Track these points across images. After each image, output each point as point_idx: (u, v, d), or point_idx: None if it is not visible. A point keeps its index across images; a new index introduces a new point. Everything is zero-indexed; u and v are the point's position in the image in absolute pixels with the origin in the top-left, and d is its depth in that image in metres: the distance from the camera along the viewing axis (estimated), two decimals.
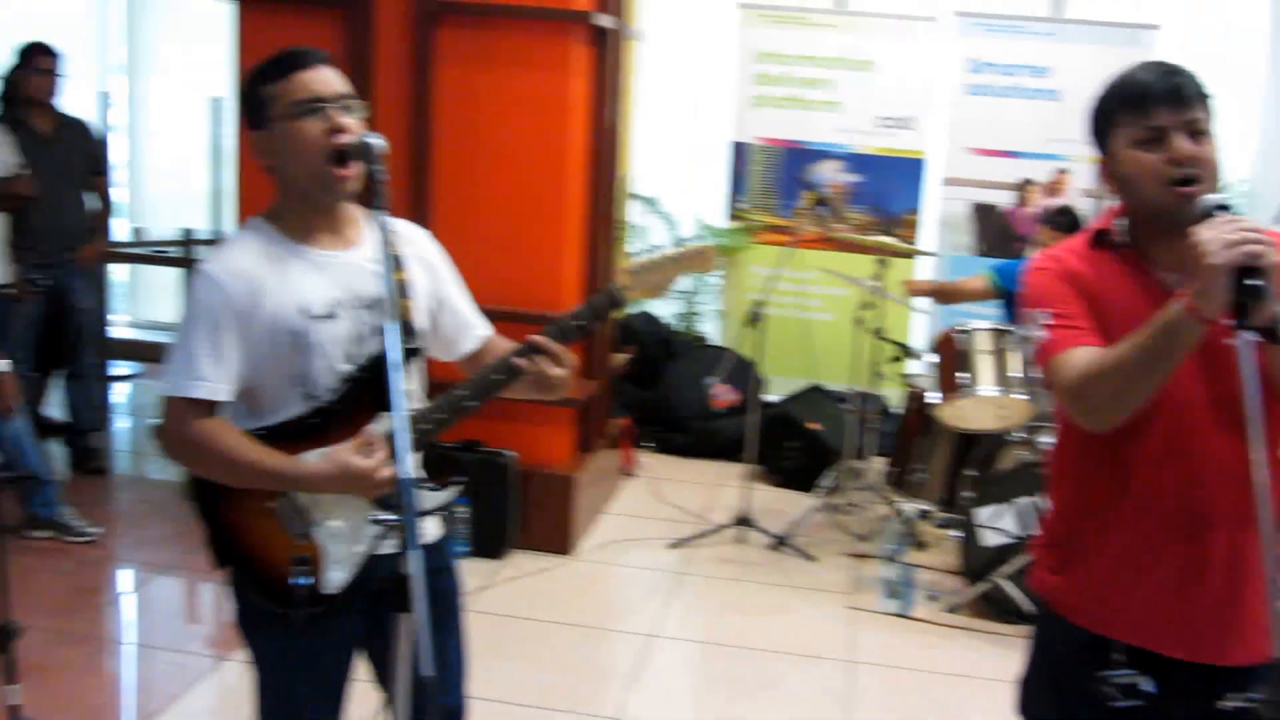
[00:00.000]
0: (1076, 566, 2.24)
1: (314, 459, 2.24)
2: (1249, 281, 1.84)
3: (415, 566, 1.85)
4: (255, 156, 2.28)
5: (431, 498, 2.28)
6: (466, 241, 5.05)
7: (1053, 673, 2.30)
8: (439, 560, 2.45)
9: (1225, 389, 2.05)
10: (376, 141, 2.17)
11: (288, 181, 2.28)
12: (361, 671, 2.47)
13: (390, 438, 2.27)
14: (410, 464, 1.92)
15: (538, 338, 2.29)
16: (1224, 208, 1.93)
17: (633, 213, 7.66)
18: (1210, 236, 1.87)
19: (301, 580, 2.27)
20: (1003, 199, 7.34)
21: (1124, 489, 2.15)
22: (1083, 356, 2.07)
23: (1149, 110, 2.08)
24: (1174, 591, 2.14)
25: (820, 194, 5.73)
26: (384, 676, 2.45)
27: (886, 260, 5.55)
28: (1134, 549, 2.16)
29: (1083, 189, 7.20)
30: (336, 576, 2.31)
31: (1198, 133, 2.07)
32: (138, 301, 9.03)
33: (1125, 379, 2.01)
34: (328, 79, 2.25)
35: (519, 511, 5.22)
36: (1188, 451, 2.11)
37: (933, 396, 5.13)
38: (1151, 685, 2.12)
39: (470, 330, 2.55)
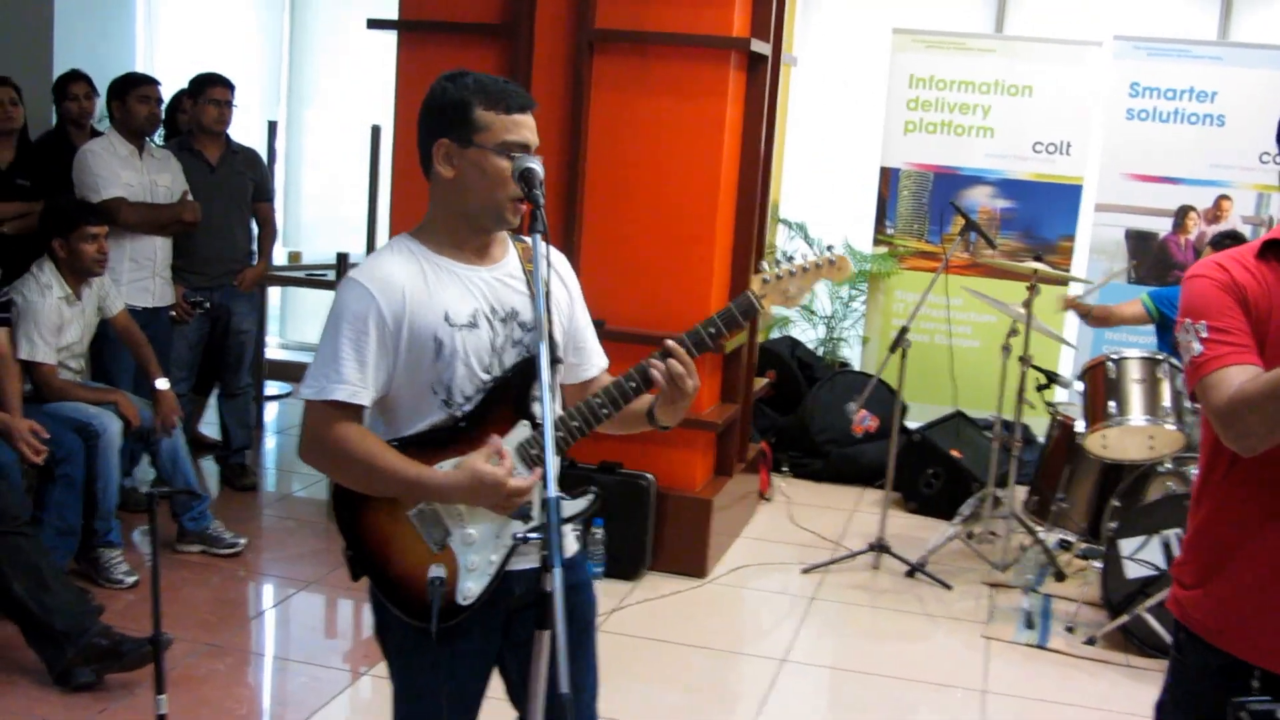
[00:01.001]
0: (1217, 586, 2.21)
1: (447, 468, 2.30)
2: None
3: (558, 584, 1.86)
4: (436, 161, 2.32)
5: (568, 506, 2.31)
6: (615, 264, 5.21)
7: (1188, 696, 2.27)
8: (576, 577, 2.48)
9: None
10: (539, 169, 2.24)
11: (458, 200, 2.33)
12: (496, 687, 2.50)
13: (524, 447, 2.34)
14: (554, 479, 1.95)
15: (672, 343, 2.32)
16: None
17: (781, 238, 7.73)
18: None
19: (437, 591, 2.31)
20: (1160, 226, 7.20)
21: (1273, 509, 2.12)
22: (1238, 377, 2.03)
23: None
24: None
25: (970, 219, 5.68)
26: (518, 693, 2.49)
27: (1036, 287, 5.48)
28: (1278, 571, 2.13)
29: (1244, 216, 7.03)
30: (472, 586, 2.35)
31: None
32: (288, 323, 9.36)
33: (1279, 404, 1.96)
34: (535, 129, 2.34)
35: (655, 533, 5.27)
36: None
37: (1079, 425, 5.05)
38: None
39: (592, 358, 2.59)
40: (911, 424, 6.70)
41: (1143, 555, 4.68)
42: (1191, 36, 7.34)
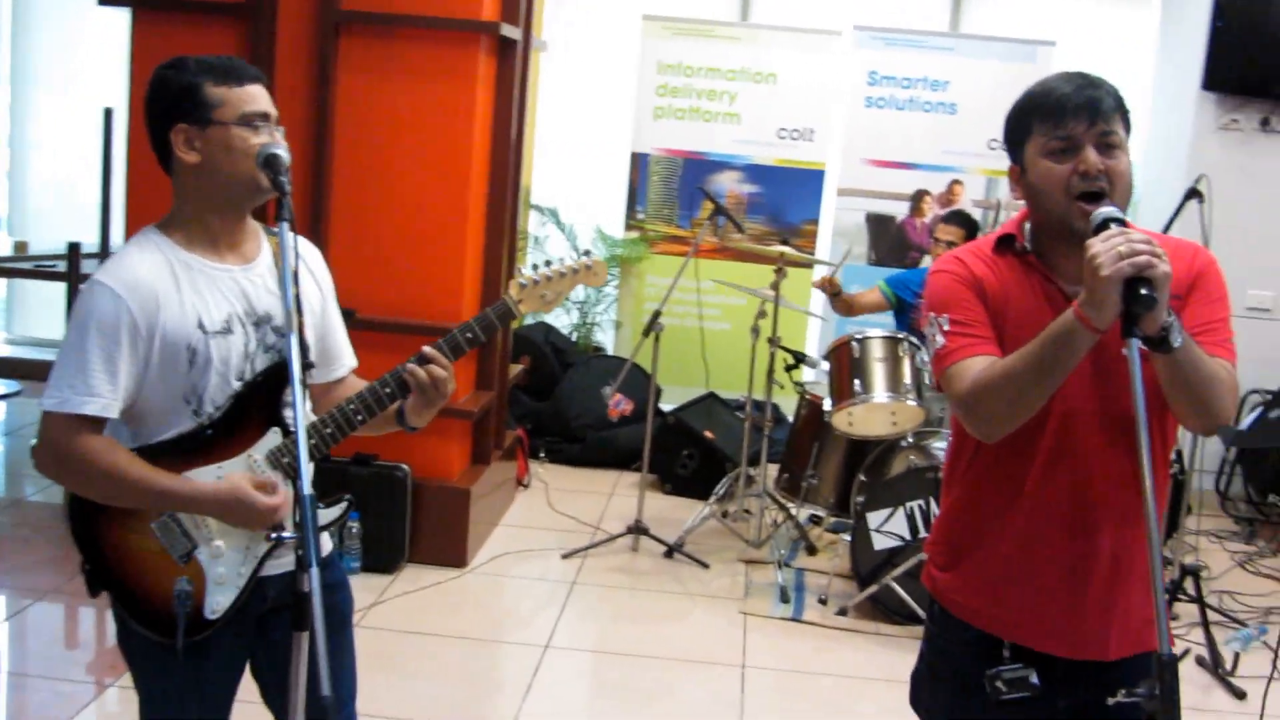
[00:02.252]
0: (968, 565, 2.28)
1: (207, 480, 2.23)
2: (1141, 292, 1.86)
3: (315, 584, 1.83)
4: (177, 148, 2.25)
5: (321, 515, 2.27)
6: (365, 253, 5.08)
7: (943, 667, 2.35)
8: (332, 576, 2.45)
9: (1115, 397, 2.11)
10: (285, 154, 2.21)
11: (207, 183, 2.27)
12: (248, 691, 2.43)
13: (275, 455, 2.29)
14: (309, 481, 1.91)
15: (428, 349, 2.32)
16: (1118, 220, 1.95)
17: (532, 224, 7.73)
18: (1102, 248, 1.90)
19: (183, 606, 2.23)
20: (898, 209, 7.51)
21: (1017, 491, 2.19)
22: (978, 366, 2.09)
23: (1063, 121, 2.08)
24: (1061, 590, 2.19)
25: (719, 204, 5.80)
26: (274, 696, 2.43)
27: (783, 270, 5.63)
28: (1025, 549, 2.20)
29: (975, 200, 7.40)
30: (221, 600, 2.28)
31: (1110, 146, 2.08)
32: (16, 317, 8.85)
33: (1018, 390, 2.04)
34: (268, 97, 2.29)
35: (412, 524, 5.20)
36: (1078, 455, 2.15)
37: (826, 403, 5.21)
38: (1037, 679, 2.17)
39: (342, 358, 2.55)
40: (666, 406, 6.80)
41: (889, 527, 4.88)
42: (926, 28, 7.66)
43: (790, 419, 6.15)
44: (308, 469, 1.93)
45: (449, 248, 5.15)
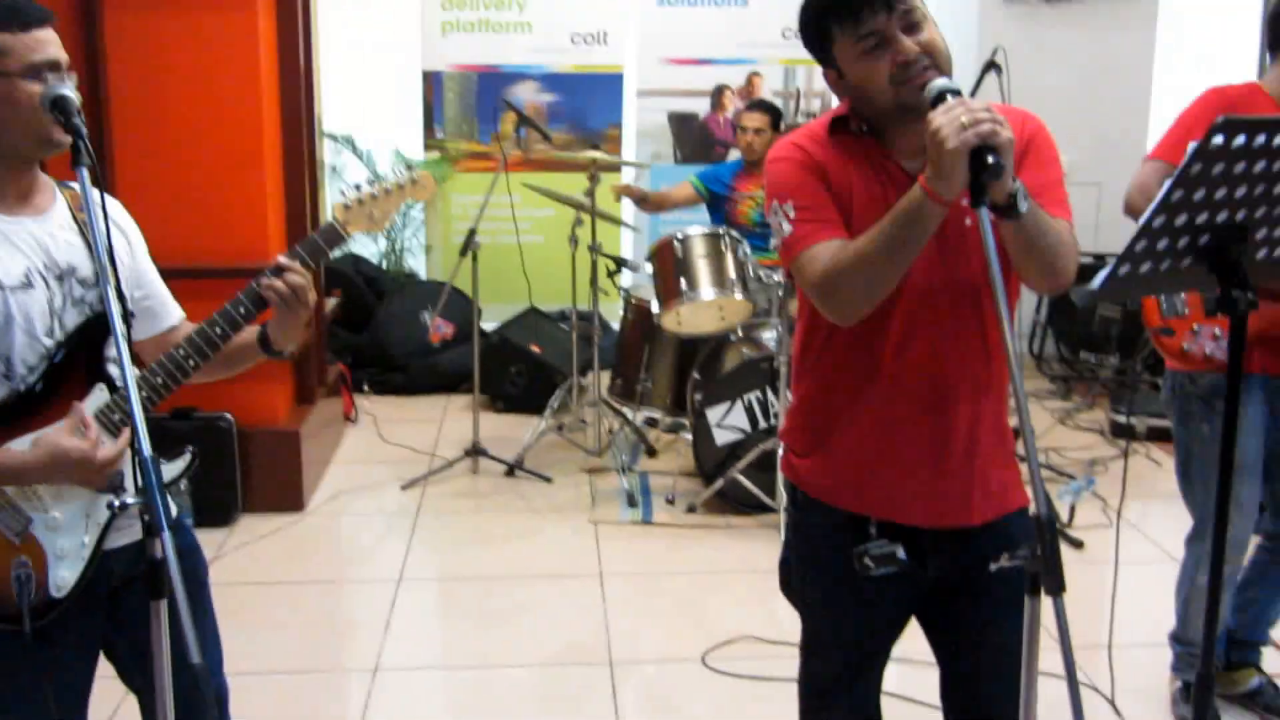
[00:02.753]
0: (827, 450, 2.29)
1: (22, 447, 2.07)
2: (988, 160, 1.84)
3: (169, 550, 1.72)
4: None
5: (166, 469, 2.17)
6: (157, 199, 4.83)
7: (811, 551, 2.37)
8: (184, 540, 2.33)
9: (962, 269, 2.12)
10: (74, 94, 2.04)
11: None
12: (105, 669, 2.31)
13: (104, 414, 2.15)
14: (146, 439, 1.79)
15: (283, 258, 2.23)
16: (954, 91, 1.93)
17: (327, 153, 7.48)
18: (944, 121, 1.87)
19: (24, 587, 2.09)
20: (700, 106, 7.55)
21: (872, 371, 2.20)
22: (829, 251, 2.08)
23: (861, 18, 2.04)
24: (922, 464, 2.21)
25: (523, 114, 5.72)
26: (132, 672, 2.31)
27: (597, 175, 5.58)
28: (884, 428, 2.22)
29: (774, 90, 7.47)
30: (66, 575, 2.15)
31: (915, 24, 2.05)
32: None
33: (872, 270, 2.03)
34: (60, 43, 2.11)
35: (243, 474, 5.04)
36: (930, 331, 2.16)
37: (654, 306, 5.20)
38: (904, 554, 2.18)
39: (167, 307, 2.42)
40: (488, 325, 6.73)
41: (729, 421, 4.93)
42: None
43: (616, 326, 6.14)
44: (143, 427, 1.81)
45: (247, 185, 4.95)
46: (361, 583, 4.57)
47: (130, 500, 1.79)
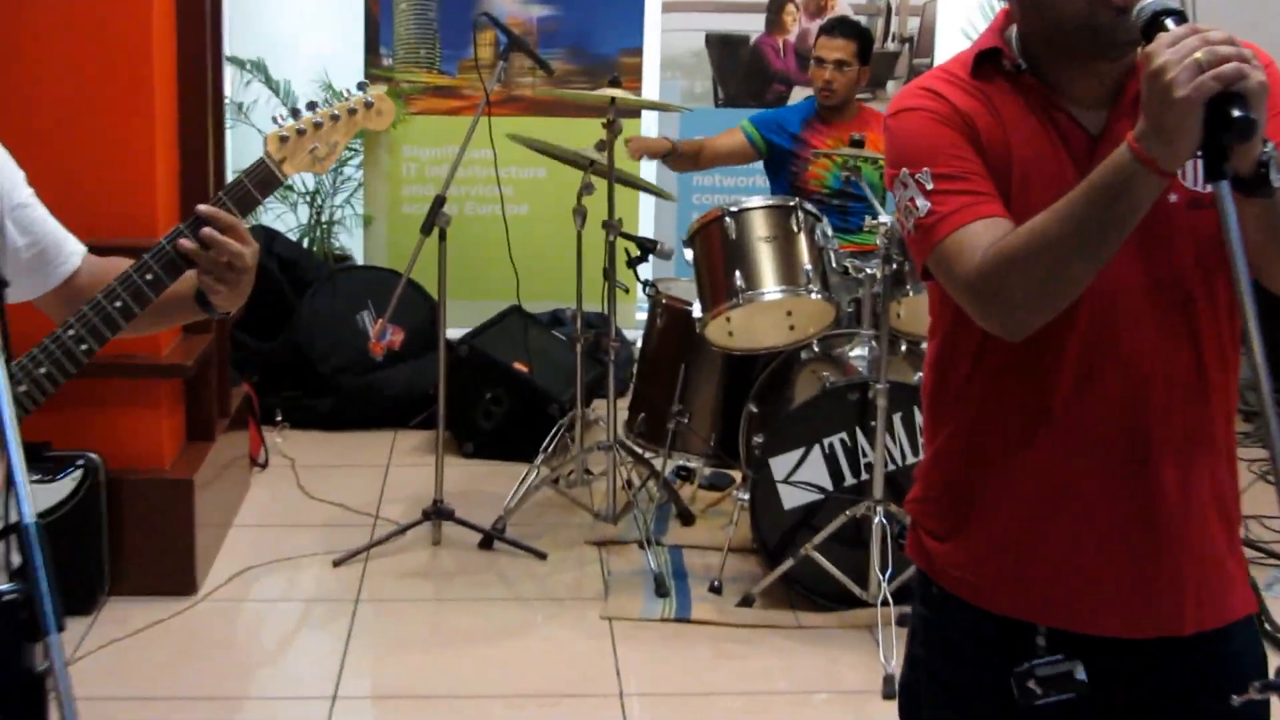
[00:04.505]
0: (978, 527, 2.30)
1: None
2: (1233, 113, 1.81)
3: (56, 656, 1.72)
4: None
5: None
6: (15, 150, 4.75)
7: (951, 670, 2.37)
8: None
9: (1167, 266, 2.13)
10: None
11: None
12: None
13: None
14: (28, 497, 1.78)
15: (206, 207, 2.33)
16: (1176, 14, 1.91)
17: (228, 85, 7.46)
18: (1170, 57, 1.84)
19: None
20: (750, 25, 7.61)
21: (1040, 414, 2.20)
22: (987, 234, 2.09)
23: None
24: (1113, 546, 2.21)
25: (514, 36, 5.67)
26: None
27: (616, 122, 5.50)
28: (1058, 493, 2.22)
29: (854, 3, 7.47)
30: None
31: None
32: None
33: (1056, 262, 2.02)
34: None
35: (111, 539, 5.00)
36: (1123, 353, 2.16)
37: (694, 309, 5.18)
38: (1084, 673, 2.19)
39: (64, 246, 2.54)
40: (454, 332, 6.64)
41: (802, 475, 4.87)
42: None
43: (638, 336, 6.12)
44: (21, 467, 1.79)
45: (129, 133, 4.99)
46: (281, 700, 4.53)
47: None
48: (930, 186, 2.16)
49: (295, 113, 2.46)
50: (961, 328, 2.22)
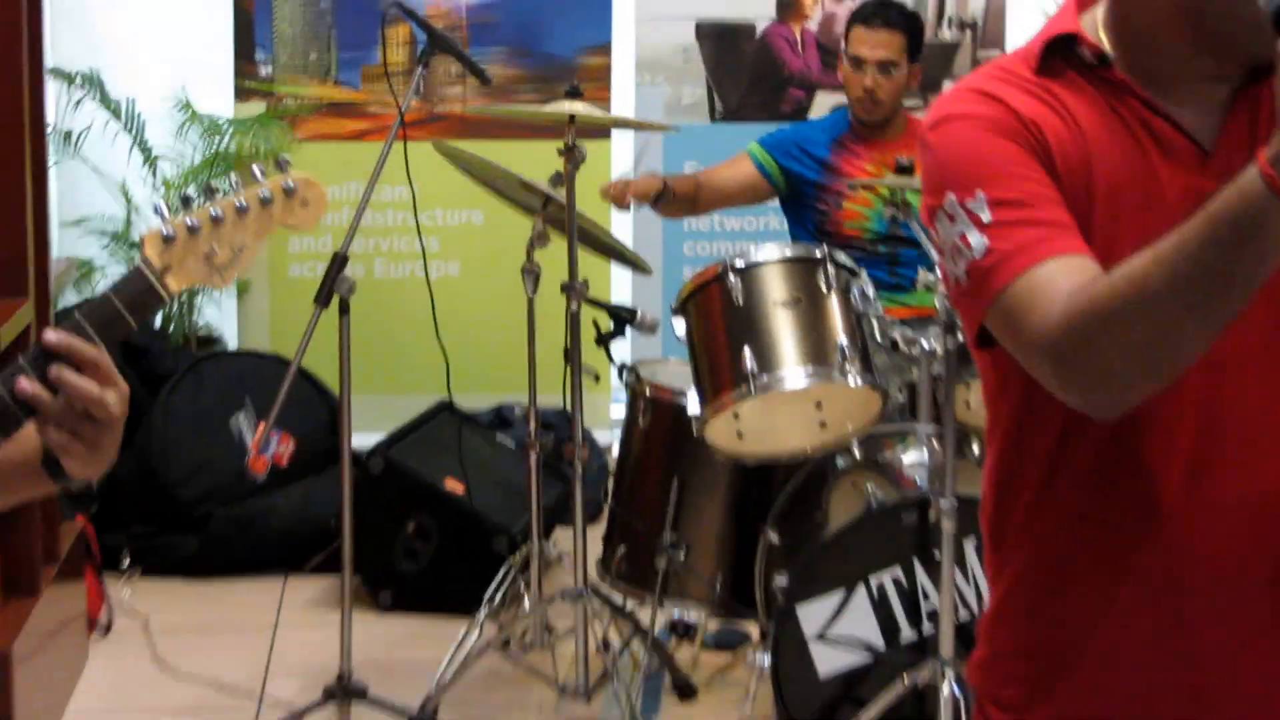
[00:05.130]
0: (1066, 691, 2.32)
1: None
2: None
3: None
4: None
5: None
6: None
7: None
8: None
9: None
10: None
11: None
12: None
13: None
14: None
15: (55, 334, 2.22)
16: None
17: (51, 104, 7.46)
18: None
19: None
20: (756, 11, 7.65)
21: (1145, 524, 2.22)
22: (1067, 277, 2.09)
23: None
24: (1263, 698, 2.26)
25: (437, 32, 5.61)
26: None
27: (577, 148, 5.44)
28: (1173, 628, 2.25)
29: None
30: None
31: None
32: None
33: (1163, 320, 2.00)
34: None
35: None
36: (1249, 442, 2.19)
37: (689, 401, 5.13)
38: None
39: None
40: (364, 440, 6.59)
41: (842, 629, 4.82)
42: None
43: (614, 441, 6.04)
44: None
45: None
46: None
47: None
48: (987, 217, 2.16)
49: (186, 202, 2.37)
50: (1032, 415, 2.25)
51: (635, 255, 6.30)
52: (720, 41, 7.58)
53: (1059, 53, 2.26)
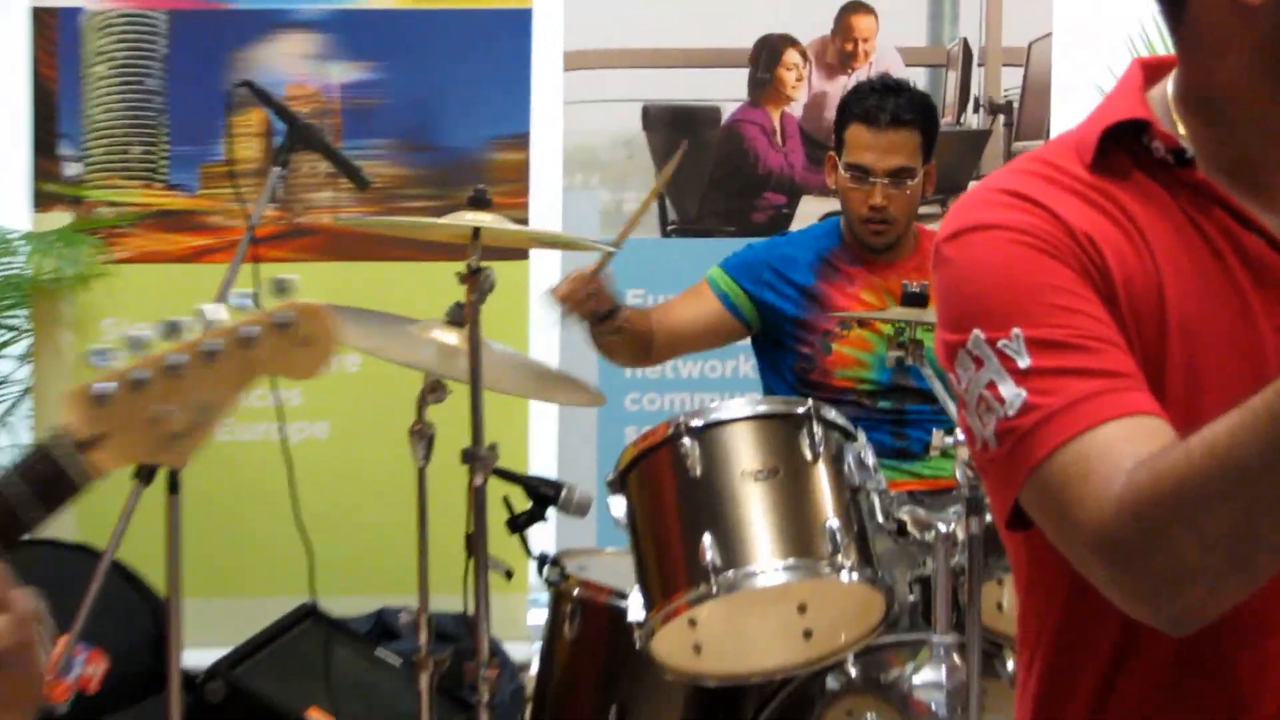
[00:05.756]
0: None
1: None
2: None
3: None
4: None
5: None
6: None
7: None
8: None
9: None
10: None
11: None
12: None
13: None
14: None
15: None
16: None
17: None
18: None
19: None
20: (722, 90, 7.67)
21: None
22: (1131, 445, 2.09)
23: None
24: None
25: (296, 120, 5.68)
26: None
27: (481, 272, 5.48)
28: None
29: (902, 47, 7.53)
30: None
31: None
32: None
33: (1257, 504, 1.98)
34: None
35: None
36: None
37: (631, 604, 5.12)
38: None
39: None
40: (197, 658, 6.60)
41: None
42: None
43: (535, 654, 6.06)
44: None
45: None
46: None
47: None
48: (1025, 363, 2.16)
49: (135, 344, 2.36)
50: (1083, 621, 2.27)
51: (590, 388, 6.20)
52: (674, 130, 7.52)
53: (1121, 144, 2.26)
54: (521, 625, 6.76)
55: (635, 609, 5.10)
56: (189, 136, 7.49)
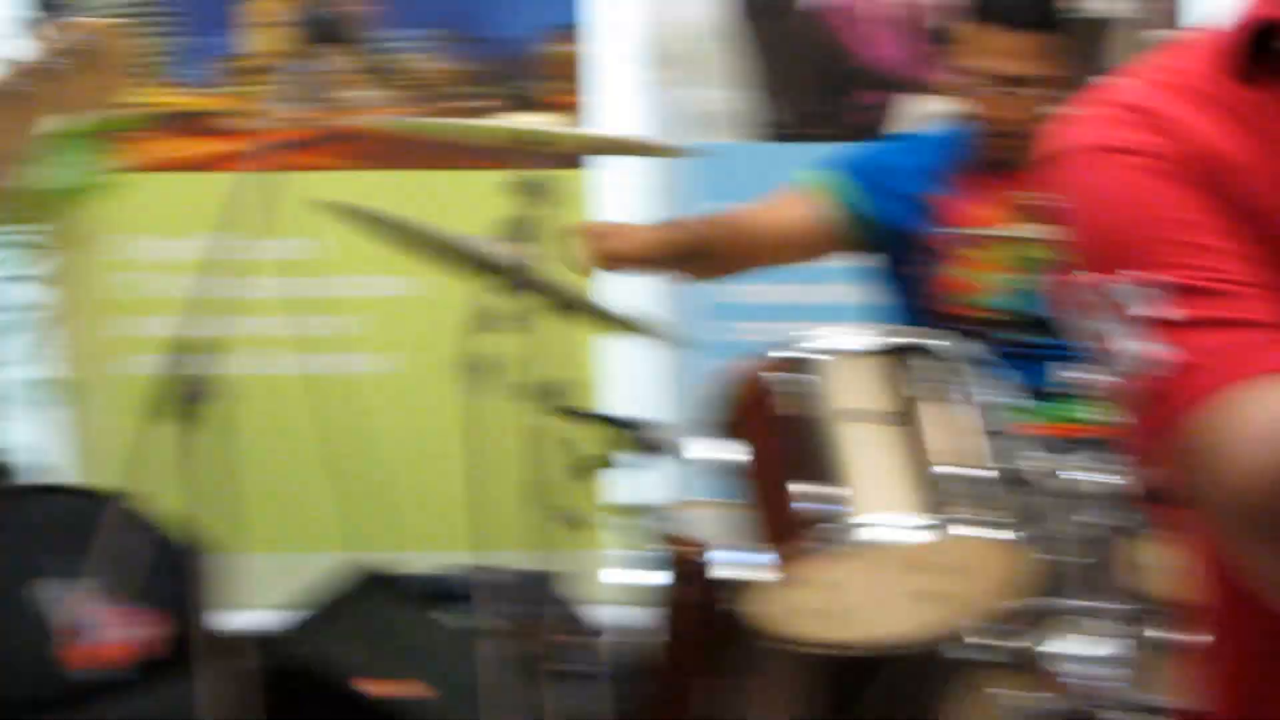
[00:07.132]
0: None
1: None
2: None
3: None
4: None
5: None
6: None
7: None
8: None
9: None
10: None
11: None
12: None
13: None
14: None
15: None
16: None
17: None
18: None
19: None
20: None
21: None
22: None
23: None
24: None
25: (300, 17, 5.68)
26: None
27: (536, 181, 5.45)
28: None
29: None
30: None
31: None
32: None
33: None
34: None
35: None
36: None
37: (725, 561, 5.11)
38: None
39: None
40: (254, 618, 6.63)
41: None
42: None
43: (631, 620, 6.06)
44: None
45: None
46: None
47: None
48: (1157, 311, 2.15)
49: None
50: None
51: (648, 324, 6.23)
52: (757, 20, 7.55)
53: (1271, 49, 2.22)
54: (597, 585, 6.79)
55: (727, 566, 5.12)
56: (203, 27, 7.51)
